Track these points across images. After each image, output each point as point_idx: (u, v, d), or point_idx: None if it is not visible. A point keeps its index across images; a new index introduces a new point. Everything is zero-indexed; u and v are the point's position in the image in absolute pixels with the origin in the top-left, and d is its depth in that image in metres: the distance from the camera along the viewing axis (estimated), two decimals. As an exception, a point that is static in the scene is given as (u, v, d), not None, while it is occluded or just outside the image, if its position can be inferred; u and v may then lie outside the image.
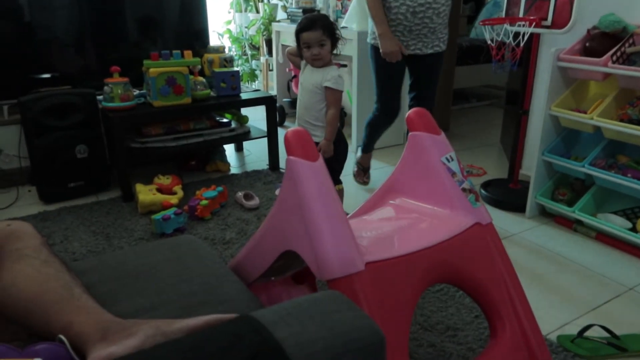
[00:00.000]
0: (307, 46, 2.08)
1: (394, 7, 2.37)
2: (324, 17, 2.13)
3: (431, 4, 2.34)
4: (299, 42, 2.12)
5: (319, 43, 2.06)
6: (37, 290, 0.84)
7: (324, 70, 2.12)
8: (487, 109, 4.81)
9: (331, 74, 2.10)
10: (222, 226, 2.40)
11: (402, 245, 1.08)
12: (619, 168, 2.21)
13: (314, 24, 2.05)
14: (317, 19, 2.08)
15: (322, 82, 2.11)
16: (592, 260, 2.13)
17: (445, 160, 1.21)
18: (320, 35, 2.05)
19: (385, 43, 2.38)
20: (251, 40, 4.91)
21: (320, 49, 2.07)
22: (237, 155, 3.51)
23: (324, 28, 2.05)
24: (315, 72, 2.14)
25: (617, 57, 2.15)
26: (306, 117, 2.21)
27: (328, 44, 2.08)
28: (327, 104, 2.14)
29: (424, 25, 2.39)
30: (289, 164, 1.08)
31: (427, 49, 2.47)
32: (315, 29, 2.04)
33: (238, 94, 3.00)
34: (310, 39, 2.06)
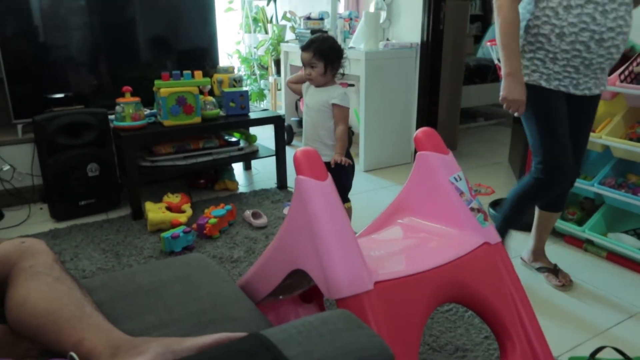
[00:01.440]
0: (304, 65, 2.15)
1: (570, 34, 1.69)
2: (322, 40, 2.15)
3: (622, 27, 1.70)
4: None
5: (309, 64, 2.12)
6: (50, 308, 0.85)
7: (329, 89, 2.17)
8: (495, 127, 4.82)
9: (337, 91, 2.15)
10: (230, 244, 2.40)
11: (411, 264, 1.08)
12: (629, 187, 2.20)
13: (309, 46, 2.11)
14: (314, 41, 2.13)
15: (329, 100, 2.14)
16: (603, 280, 2.10)
17: (454, 179, 1.21)
18: (310, 57, 2.10)
19: (513, 88, 1.76)
20: (260, 61, 4.98)
21: (311, 70, 2.12)
22: (245, 173, 3.53)
23: (316, 51, 2.09)
24: (321, 92, 2.18)
25: (625, 76, 2.16)
26: (315, 136, 2.23)
27: (319, 67, 2.11)
28: (335, 120, 2.17)
29: (608, 57, 1.75)
30: (298, 183, 1.09)
31: (596, 88, 1.83)
32: (308, 51, 2.10)
33: (247, 113, 3.03)
34: (303, 59, 2.14)
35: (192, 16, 3.37)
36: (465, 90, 4.22)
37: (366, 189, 3.19)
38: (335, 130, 2.17)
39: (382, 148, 3.59)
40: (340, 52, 2.16)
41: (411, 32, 3.58)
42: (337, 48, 2.16)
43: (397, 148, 3.65)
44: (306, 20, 4.08)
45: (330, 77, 2.17)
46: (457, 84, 3.95)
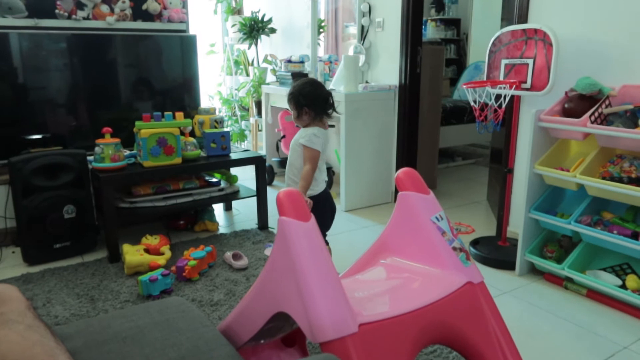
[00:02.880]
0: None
1: None
2: (295, 87, 2.28)
3: None
4: None
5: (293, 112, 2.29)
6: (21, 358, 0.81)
7: (304, 130, 2.26)
8: (473, 167, 4.91)
9: (307, 132, 2.22)
10: (210, 287, 2.35)
11: (395, 305, 1.07)
12: (604, 225, 2.24)
13: (289, 98, 2.28)
14: (289, 93, 2.28)
15: (298, 139, 2.23)
16: (585, 318, 2.11)
17: (435, 219, 1.22)
18: (292, 108, 2.28)
19: None
20: (241, 102, 5.03)
21: (295, 117, 2.29)
22: (226, 214, 3.50)
23: (288, 97, 2.27)
24: (299, 132, 2.30)
25: (595, 118, 2.24)
26: (289, 174, 2.31)
27: (294, 112, 2.27)
28: (302, 160, 2.21)
29: None
30: (281, 224, 1.09)
31: None
32: (290, 102, 2.28)
33: (228, 154, 3.04)
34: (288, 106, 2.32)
35: (174, 58, 3.41)
36: (443, 131, 4.31)
37: (347, 229, 3.19)
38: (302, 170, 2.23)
39: (362, 188, 3.61)
40: (312, 95, 2.22)
41: (389, 75, 3.68)
42: (307, 92, 2.22)
43: (378, 188, 3.68)
44: (287, 63, 4.16)
45: (308, 120, 2.23)
46: (435, 125, 4.04)
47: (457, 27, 6.75)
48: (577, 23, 2.52)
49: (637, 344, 1.94)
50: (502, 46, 2.66)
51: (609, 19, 2.39)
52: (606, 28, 2.40)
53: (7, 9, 2.86)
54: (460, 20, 6.72)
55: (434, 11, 6.69)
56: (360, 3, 3.79)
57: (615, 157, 2.31)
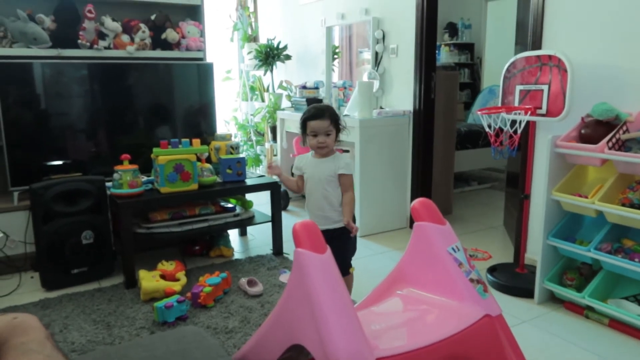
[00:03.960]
0: (314, 134, 2.13)
1: None
2: (331, 108, 2.22)
3: None
4: (305, 129, 2.18)
5: (325, 132, 2.13)
6: (40, 390, 0.82)
7: (334, 159, 2.19)
8: (488, 191, 4.87)
9: (344, 160, 2.18)
10: (225, 314, 2.35)
11: (412, 338, 1.06)
12: (625, 252, 2.20)
13: (323, 114, 2.13)
14: (326, 109, 2.17)
15: (336, 171, 2.16)
16: (607, 349, 2.06)
17: (452, 250, 1.22)
18: (327, 125, 2.13)
19: None
20: (256, 127, 5.08)
21: (326, 138, 2.13)
22: (241, 240, 3.51)
23: (331, 118, 2.13)
24: (326, 162, 2.18)
25: (612, 144, 2.22)
26: (325, 206, 2.18)
27: (333, 134, 2.15)
28: (344, 189, 2.18)
29: None
30: (297, 256, 1.09)
31: None
32: (324, 118, 2.12)
33: (243, 179, 3.06)
34: (318, 127, 2.13)
35: (191, 85, 3.48)
36: (458, 155, 4.30)
37: (363, 255, 3.17)
38: (344, 197, 2.18)
39: (377, 213, 3.60)
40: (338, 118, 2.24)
41: (403, 100, 3.70)
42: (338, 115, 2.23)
43: (393, 213, 3.66)
44: (302, 89, 4.21)
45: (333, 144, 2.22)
46: (450, 149, 4.04)
47: (470, 52, 6.78)
48: (592, 48, 2.52)
49: (662, 376, 1.88)
50: (516, 72, 2.67)
51: (624, 44, 2.39)
52: (622, 53, 2.40)
53: (32, 39, 2.96)
54: (473, 44, 6.76)
55: (448, 36, 6.74)
56: (374, 30, 3.84)
57: (634, 184, 2.27)
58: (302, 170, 2.26)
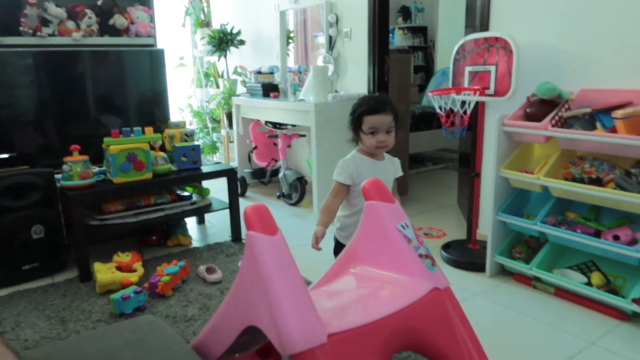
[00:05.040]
0: (373, 132, 1.78)
1: None
2: (390, 99, 1.86)
3: None
4: (359, 125, 1.83)
5: (387, 129, 1.78)
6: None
7: (389, 161, 1.93)
8: (443, 171, 4.99)
9: (398, 162, 1.96)
10: (184, 302, 2.34)
11: (364, 314, 1.09)
12: (568, 224, 2.32)
13: (385, 107, 1.77)
14: (387, 102, 1.80)
15: (396, 173, 1.93)
16: (553, 316, 2.17)
17: (401, 227, 1.25)
18: (390, 121, 1.78)
19: None
20: (212, 114, 5.02)
21: (387, 136, 1.79)
22: (198, 227, 3.48)
23: (393, 112, 1.79)
24: (386, 164, 1.90)
25: (555, 121, 2.32)
26: None
27: (394, 131, 1.82)
28: (393, 190, 1.95)
29: None
30: (249, 239, 1.10)
31: None
32: (386, 112, 1.77)
33: (199, 167, 3.03)
34: (379, 123, 1.77)
35: (142, 72, 3.39)
36: (413, 137, 4.38)
37: (322, 238, 3.20)
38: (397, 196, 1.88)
39: (335, 196, 3.63)
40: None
41: (358, 84, 3.73)
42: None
43: (351, 195, 3.71)
44: (257, 75, 4.18)
45: None
46: (405, 131, 4.11)
47: (424, 35, 6.88)
48: (536, 30, 2.61)
49: (603, 339, 2.00)
50: (465, 54, 2.73)
51: (566, 25, 2.48)
52: (564, 34, 2.50)
53: (-33, 27, 2.80)
54: (427, 27, 6.86)
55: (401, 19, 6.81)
56: (328, 13, 3.84)
57: (576, 159, 2.39)
58: (359, 176, 1.83)
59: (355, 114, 1.83)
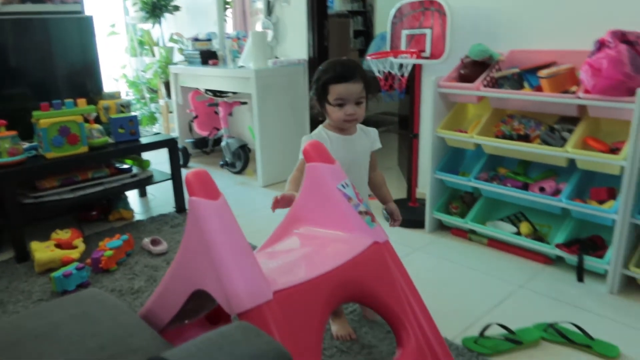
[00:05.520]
0: (341, 103, 1.57)
1: None
2: (360, 65, 1.62)
3: None
4: (324, 94, 1.60)
5: (356, 100, 1.57)
6: None
7: (364, 133, 1.72)
8: (384, 134, 5.04)
9: (374, 132, 1.76)
10: (129, 275, 2.31)
11: (307, 271, 1.13)
12: (500, 179, 2.46)
13: (353, 74, 1.55)
14: (356, 68, 1.58)
15: (373, 146, 1.75)
16: (487, 265, 2.33)
17: (341, 186, 1.29)
18: (360, 90, 1.57)
19: None
20: (149, 84, 4.84)
21: (356, 108, 1.58)
22: (141, 200, 3.41)
23: (363, 80, 1.58)
24: (360, 139, 1.70)
25: (487, 82, 2.42)
26: (366, 197, 1.75)
27: (364, 102, 1.61)
28: (372, 165, 1.78)
29: None
30: (192, 204, 1.11)
31: None
32: (355, 80, 1.55)
33: (137, 138, 2.95)
34: (347, 93, 1.55)
35: (70, 41, 3.21)
36: (354, 102, 4.42)
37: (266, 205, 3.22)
38: (376, 177, 1.80)
39: (279, 163, 3.65)
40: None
41: (298, 49, 3.70)
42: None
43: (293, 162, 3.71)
44: (194, 42, 4.06)
45: None
46: (346, 96, 4.14)
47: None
48: (466, -8, 2.68)
49: (530, 282, 2.17)
50: (402, 17, 2.77)
51: (493, -12, 2.56)
52: (492, -3, 2.58)
53: None
54: (365, -9, 6.84)
55: (339, -17, 6.75)
56: (263, -23, 3.76)
57: (506, 117, 2.51)
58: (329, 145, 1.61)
59: (319, 82, 1.59)
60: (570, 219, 2.28)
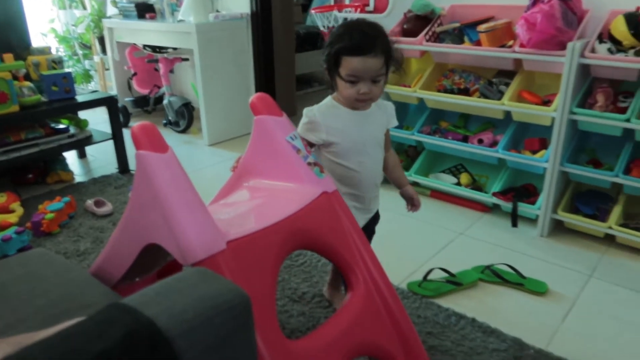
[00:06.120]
0: (354, 80, 1.32)
1: None
2: (382, 33, 1.32)
3: None
4: (335, 65, 1.33)
5: (374, 77, 1.31)
6: None
7: (378, 107, 1.46)
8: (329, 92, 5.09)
9: (390, 107, 1.50)
10: (74, 238, 2.26)
11: (260, 221, 1.15)
12: (441, 133, 2.55)
13: (372, 46, 1.27)
14: (376, 38, 1.29)
15: (388, 124, 1.49)
16: (430, 215, 2.44)
17: (290, 138, 1.31)
18: (379, 66, 1.30)
19: None
20: (81, 39, 4.56)
21: (372, 87, 1.32)
22: (80, 162, 3.28)
23: (384, 52, 1.30)
24: (375, 115, 1.45)
25: (429, 37, 2.47)
26: (378, 182, 1.55)
27: (383, 79, 1.35)
28: (387, 145, 1.53)
29: None
30: (139, 158, 1.09)
31: None
32: (375, 54, 1.27)
33: (73, 96, 2.81)
34: (364, 69, 1.29)
35: (-11, -9, 2.96)
36: (299, 58, 4.38)
37: (213, 163, 3.20)
38: (389, 157, 1.56)
39: (224, 120, 3.60)
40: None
41: (240, 3, 3.59)
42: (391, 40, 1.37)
43: (240, 119, 3.69)
44: (128, -7, 3.84)
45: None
46: (290, 52, 4.09)
47: (304, -49, 6.67)
48: (409, -54, 2.67)
49: (470, 229, 2.31)
50: (345, -30, 2.74)
51: (436, -59, 2.57)
52: (434, -50, 2.59)
53: None
54: (307, -57, 6.64)
55: None
56: None
57: (447, 72, 2.58)
58: (333, 133, 1.41)
59: (332, 48, 1.31)
60: (506, 169, 2.42)
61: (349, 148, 1.41)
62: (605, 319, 1.74)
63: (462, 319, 1.70)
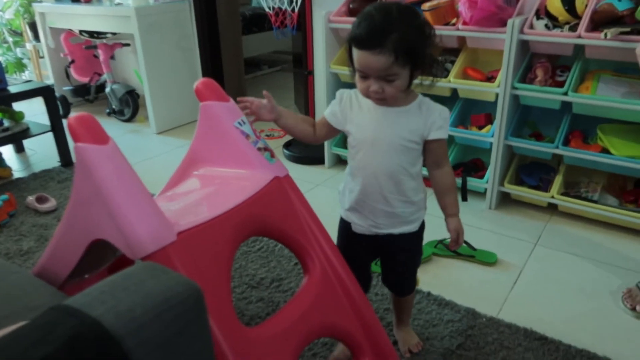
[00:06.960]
0: (364, 75, 1.15)
1: None
2: (404, 21, 1.10)
3: None
4: (350, 53, 1.17)
5: (384, 75, 1.12)
6: None
7: (420, 108, 1.23)
8: (279, 74, 5.05)
9: (439, 114, 1.24)
10: (16, 237, 2.15)
11: (210, 210, 1.13)
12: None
13: (379, 42, 1.08)
14: (388, 30, 1.08)
15: (425, 132, 1.23)
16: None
17: (238, 124, 1.28)
18: (388, 65, 1.10)
19: None
20: (10, 25, 4.29)
21: (384, 85, 1.14)
22: (18, 156, 3.11)
23: (398, 47, 1.08)
24: (403, 114, 1.23)
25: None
26: (394, 194, 1.30)
27: (404, 76, 1.14)
28: (437, 160, 1.31)
29: None
30: (78, 151, 1.04)
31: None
32: (381, 51, 1.09)
33: (5, 87, 2.65)
34: (367, 66, 1.12)
35: None
36: (246, 40, 4.30)
37: (162, 152, 3.11)
38: (442, 177, 1.32)
39: (171, 107, 3.49)
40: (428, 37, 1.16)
41: (180, -16, 3.47)
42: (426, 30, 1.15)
43: (187, 105, 3.59)
44: (59, -24, 3.63)
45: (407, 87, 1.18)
46: (237, 34, 4.00)
47: None
48: None
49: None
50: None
51: None
52: None
53: None
54: None
55: None
56: None
57: (394, 51, 2.59)
58: (344, 121, 1.29)
59: (349, 36, 1.16)
60: (454, 145, 2.47)
61: (358, 142, 1.27)
62: (551, 284, 1.83)
63: (418, 293, 1.74)
